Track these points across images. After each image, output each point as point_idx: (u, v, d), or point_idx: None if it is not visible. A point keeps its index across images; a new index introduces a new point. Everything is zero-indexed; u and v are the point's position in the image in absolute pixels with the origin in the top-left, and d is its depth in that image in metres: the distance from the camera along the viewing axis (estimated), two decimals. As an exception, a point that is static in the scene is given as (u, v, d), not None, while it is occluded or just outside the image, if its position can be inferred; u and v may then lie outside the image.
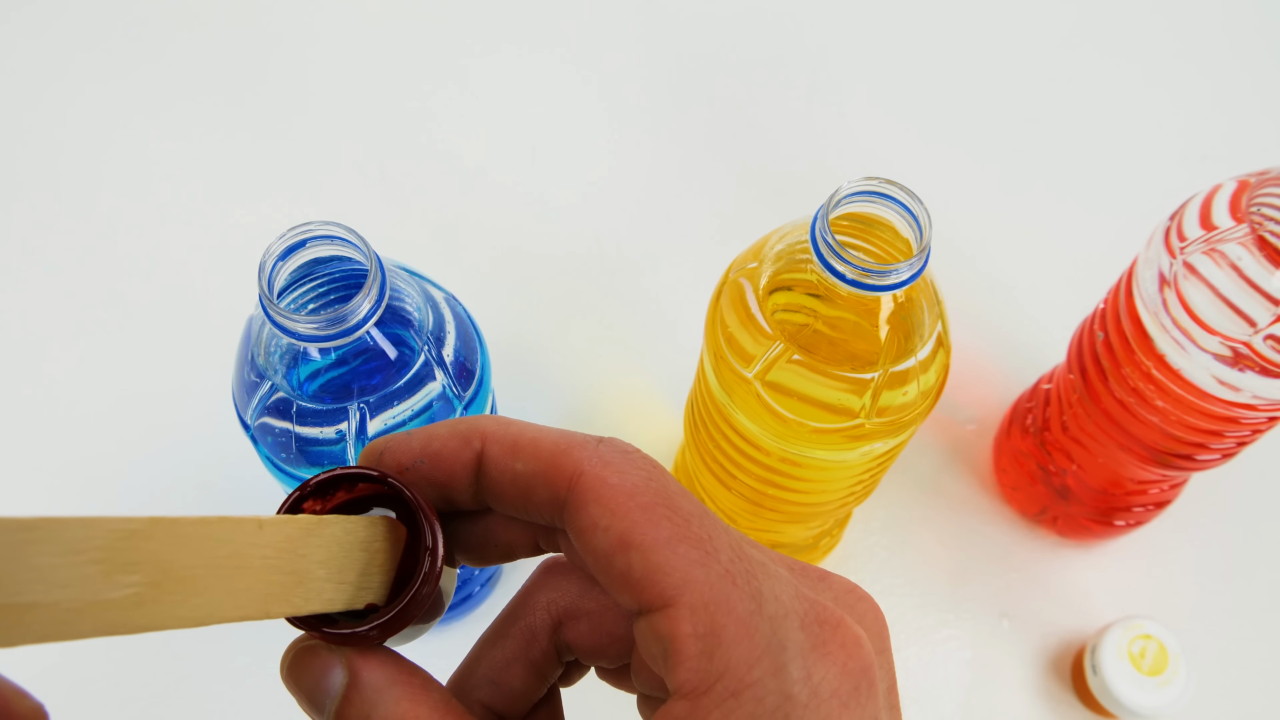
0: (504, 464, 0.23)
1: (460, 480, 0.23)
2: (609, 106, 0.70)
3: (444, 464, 0.23)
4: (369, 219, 0.62)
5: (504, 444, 0.23)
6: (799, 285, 0.36)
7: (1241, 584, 0.56)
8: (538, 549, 0.25)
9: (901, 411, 0.37)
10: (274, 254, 0.33)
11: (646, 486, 0.22)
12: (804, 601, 0.21)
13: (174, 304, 0.61)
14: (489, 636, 0.26)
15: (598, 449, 0.22)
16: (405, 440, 0.24)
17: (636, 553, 0.21)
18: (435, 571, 0.22)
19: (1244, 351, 0.38)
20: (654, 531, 0.21)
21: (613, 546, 0.21)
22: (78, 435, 0.57)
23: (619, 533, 0.21)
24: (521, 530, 0.25)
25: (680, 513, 0.21)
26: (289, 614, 0.21)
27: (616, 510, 0.21)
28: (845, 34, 0.74)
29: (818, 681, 0.20)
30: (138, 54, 0.69)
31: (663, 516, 0.21)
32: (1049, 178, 0.68)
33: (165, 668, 0.51)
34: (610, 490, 0.21)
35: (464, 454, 0.23)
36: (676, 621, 0.20)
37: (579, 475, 0.22)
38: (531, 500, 0.23)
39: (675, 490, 0.22)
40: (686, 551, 0.21)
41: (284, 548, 0.20)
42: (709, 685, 0.20)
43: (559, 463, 0.22)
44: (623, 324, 0.62)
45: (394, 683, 0.22)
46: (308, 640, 0.22)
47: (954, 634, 0.54)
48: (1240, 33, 0.75)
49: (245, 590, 0.19)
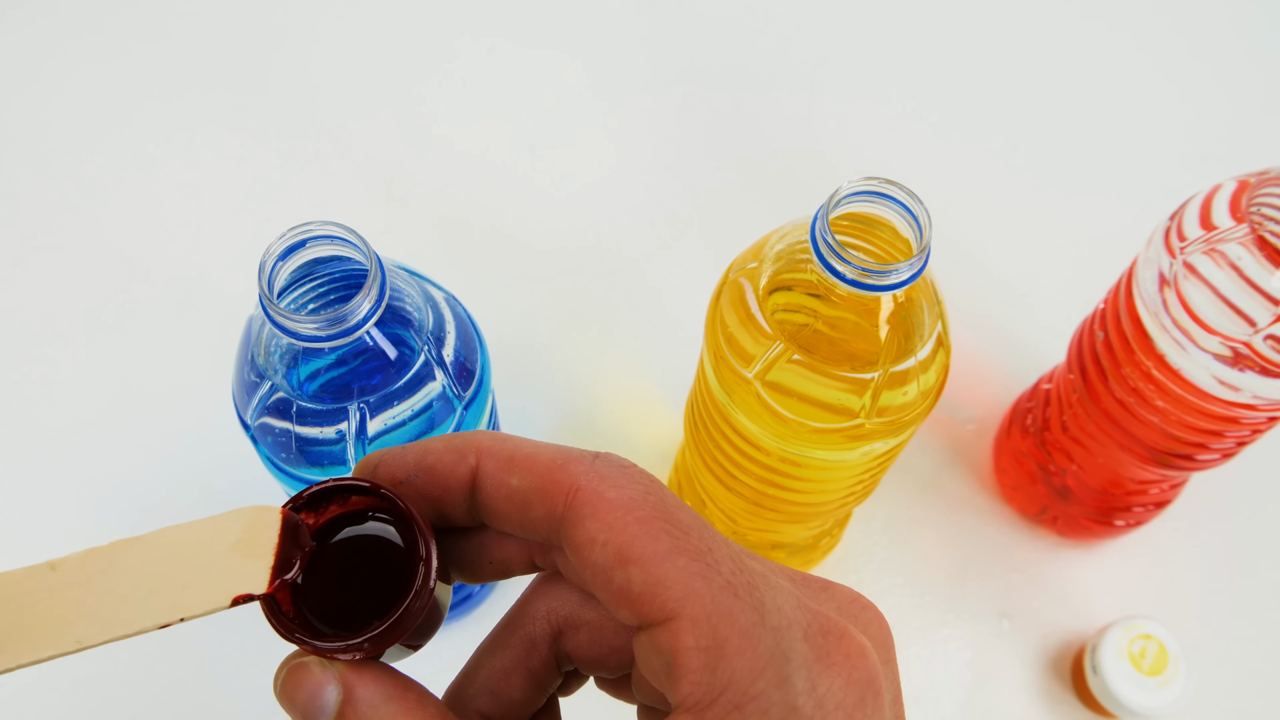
0: (500, 479, 0.23)
1: (455, 495, 0.23)
2: (609, 106, 0.70)
3: (439, 478, 0.23)
4: (369, 219, 0.62)
5: (499, 459, 0.23)
6: (799, 285, 0.36)
7: (1241, 584, 0.56)
8: (533, 566, 0.25)
9: (901, 411, 0.37)
10: (274, 254, 0.33)
11: (644, 500, 0.21)
12: (807, 612, 0.21)
13: (174, 304, 0.61)
14: (487, 645, 0.26)
15: (594, 464, 0.22)
16: (400, 454, 0.24)
17: (636, 566, 0.21)
18: (429, 585, 0.22)
19: (1244, 351, 0.38)
20: (653, 545, 0.21)
21: (611, 561, 0.21)
22: (77, 435, 0.57)
23: (617, 547, 0.21)
24: (517, 547, 0.25)
25: (679, 525, 0.21)
26: (106, 641, 0.21)
27: (614, 524, 0.21)
28: (846, 33, 0.74)
29: (823, 693, 0.20)
30: (137, 52, 0.69)
31: (661, 530, 0.21)
32: (1049, 177, 0.68)
33: (163, 668, 0.52)
34: (607, 504, 0.21)
35: (459, 469, 0.23)
36: (679, 635, 0.20)
37: (576, 490, 0.22)
38: (528, 516, 0.23)
39: (673, 503, 0.22)
40: (687, 564, 0.21)
41: (81, 583, 0.21)
42: (713, 699, 0.20)
43: (555, 478, 0.22)
44: (623, 324, 0.62)
45: (389, 698, 0.21)
46: (301, 657, 0.22)
47: (954, 634, 0.54)
48: (1240, 33, 0.75)
49: (38, 629, 0.19)
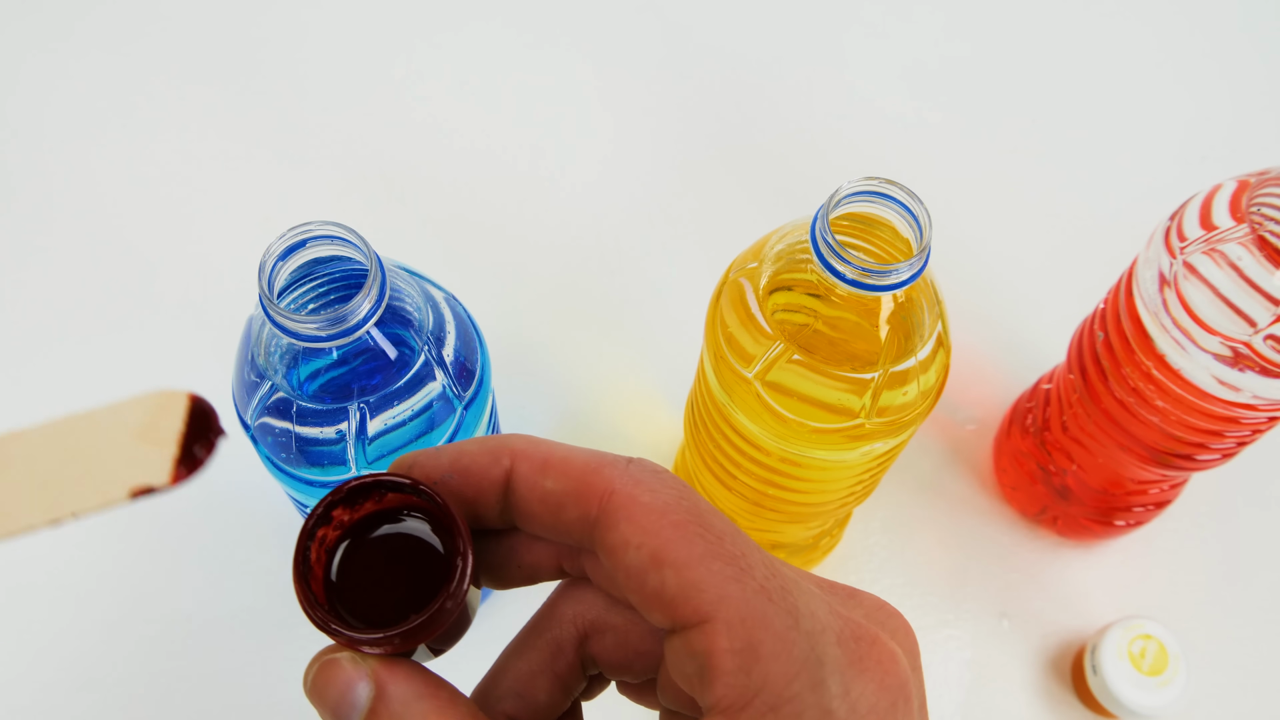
0: (534, 481, 0.23)
1: (489, 496, 0.23)
2: (609, 106, 0.70)
3: (473, 479, 0.23)
4: (369, 219, 0.62)
5: (534, 461, 0.23)
6: (799, 285, 0.36)
7: (1241, 584, 0.56)
8: (561, 572, 0.25)
9: (901, 411, 0.37)
10: (274, 254, 0.33)
11: (678, 504, 0.22)
12: (839, 618, 0.21)
13: (174, 304, 0.61)
14: (514, 648, 0.26)
15: (628, 468, 0.22)
16: (434, 455, 0.24)
17: (670, 570, 0.21)
18: (465, 582, 0.22)
19: (1244, 351, 0.38)
20: (687, 549, 0.21)
21: (645, 564, 0.21)
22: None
23: (652, 550, 0.21)
24: (546, 551, 0.25)
25: (713, 530, 0.21)
26: None
27: (649, 528, 0.21)
28: (845, 33, 0.74)
29: (855, 698, 0.20)
30: (137, 51, 0.69)
31: (695, 534, 0.21)
32: (1049, 177, 0.68)
33: (164, 666, 0.52)
34: (642, 508, 0.21)
35: (493, 470, 0.23)
36: (713, 637, 0.20)
37: (610, 494, 0.22)
38: (561, 519, 0.23)
39: (706, 509, 0.22)
40: (721, 568, 0.21)
41: None
42: (747, 701, 0.20)
43: (590, 481, 0.22)
44: (623, 324, 0.62)
45: (421, 695, 0.22)
46: (331, 653, 0.22)
47: (954, 634, 0.54)
48: (1240, 33, 0.75)
49: None
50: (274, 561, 0.54)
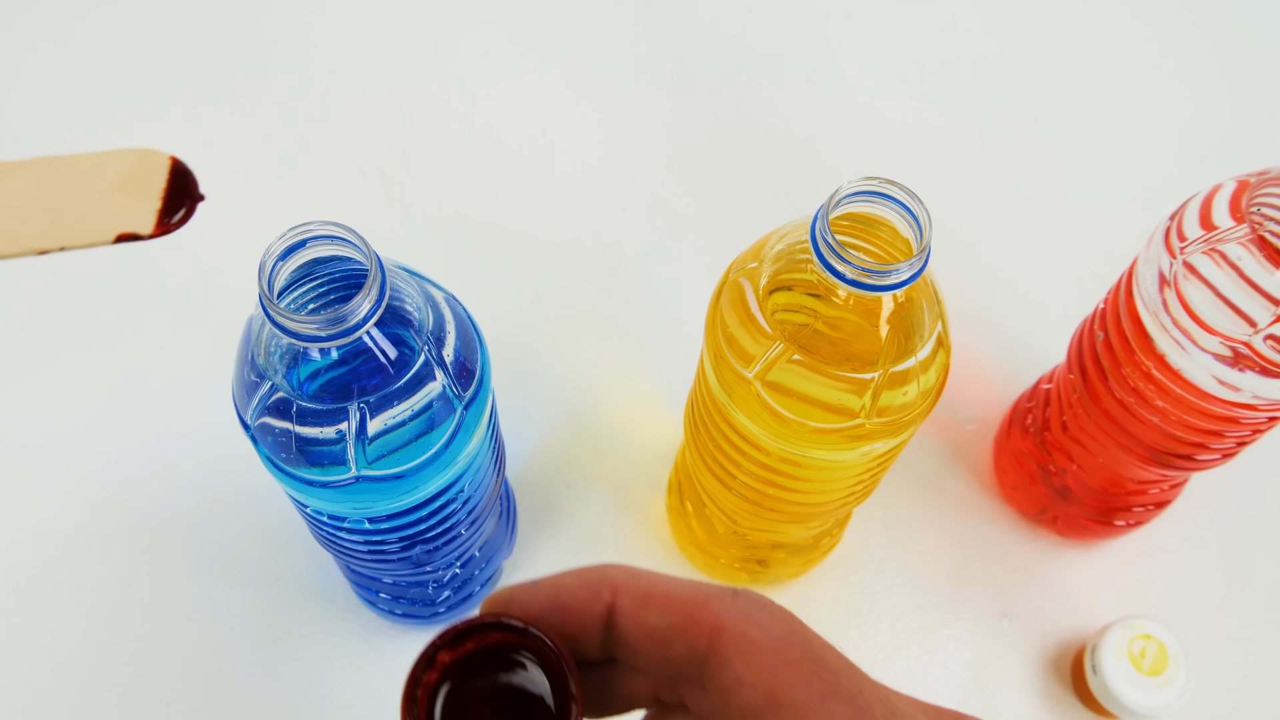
0: (637, 617, 0.23)
1: (590, 633, 0.23)
2: (609, 106, 0.70)
3: (574, 615, 0.23)
4: (369, 219, 0.62)
5: (636, 596, 0.23)
6: (799, 285, 0.36)
7: (1241, 584, 0.56)
8: (658, 701, 0.25)
9: (901, 411, 0.37)
10: (274, 254, 0.33)
11: (790, 640, 0.21)
12: None
13: (173, 303, 0.61)
14: None
15: (735, 601, 0.22)
16: (532, 591, 0.23)
17: (789, 711, 0.21)
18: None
19: (1244, 351, 0.38)
20: (805, 689, 0.21)
21: (761, 704, 0.21)
22: (76, 435, 0.57)
23: (767, 689, 0.21)
24: (645, 682, 0.24)
25: (828, 668, 0.21)
26: None
27: (764, 667, 0.21)
28: (845, 33, 0.74)
29: None
30: (137, 50, 0.69)
31: (811, 672, 0.21)
32: (1049, 177, 0.68)
33: (164, 667, 0.52)
34: (755, 646, 0.21)
35: (594, 606, 0.23)
36: None
37: (720, 630, 0.22)
38: (667, 654, 0.22)
39: (819, 643, 0.22)
40: (840, 709, 0.21)
41: None
42: None
43: (697, 616, 0.22)
44: (623, 324, 0.62)
45: None
46: None
47: (954, 634, 0.54)
48: (1240, 33, 0.75)
49: None
50: (274, 561, 0.54)
